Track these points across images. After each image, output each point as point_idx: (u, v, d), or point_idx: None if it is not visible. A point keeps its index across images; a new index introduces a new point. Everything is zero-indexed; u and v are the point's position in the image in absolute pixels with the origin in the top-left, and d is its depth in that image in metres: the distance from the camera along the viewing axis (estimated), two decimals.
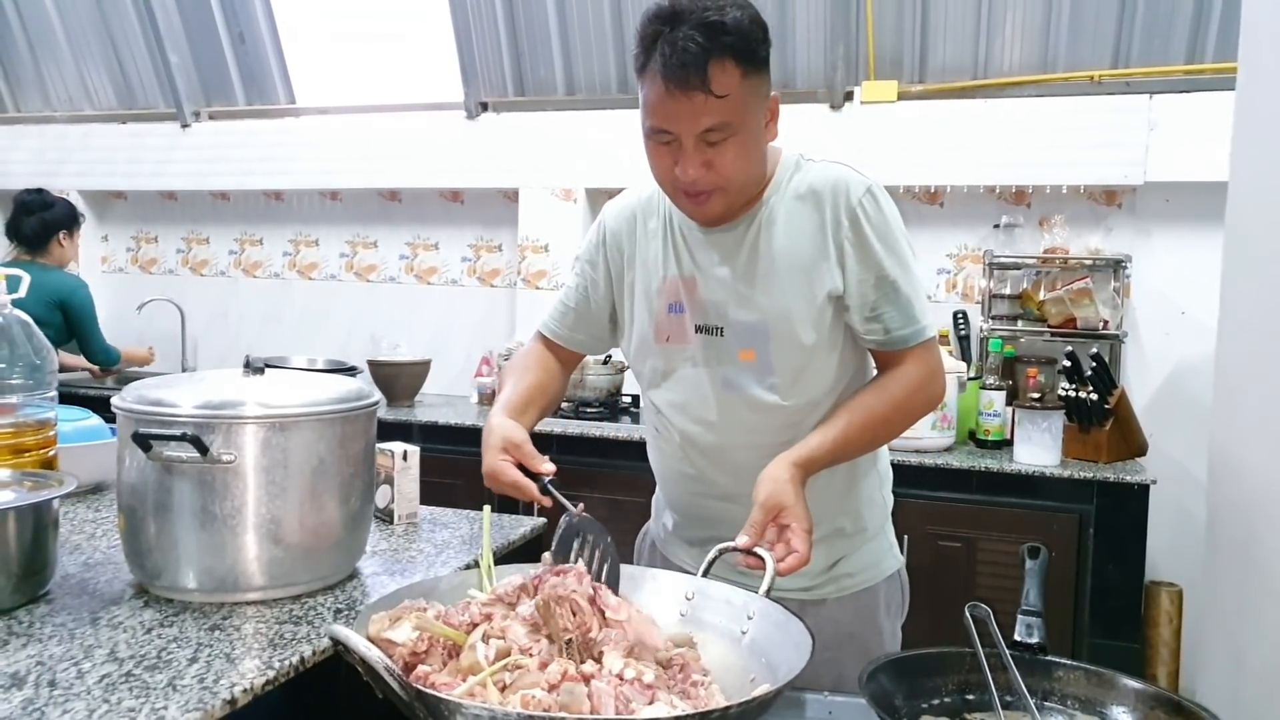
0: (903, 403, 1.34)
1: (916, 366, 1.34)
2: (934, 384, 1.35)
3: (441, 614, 1.00)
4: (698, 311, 1.37)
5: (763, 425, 1.35)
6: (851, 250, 1.30)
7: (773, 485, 1.22)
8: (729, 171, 1.24)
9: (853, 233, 1.30)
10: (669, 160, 1.25)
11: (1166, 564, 3.09)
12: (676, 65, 1.17)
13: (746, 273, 1.33)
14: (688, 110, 1.19)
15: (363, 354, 3.89)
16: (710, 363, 1.37)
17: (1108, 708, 1.04)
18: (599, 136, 3.72)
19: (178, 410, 1.16)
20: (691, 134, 1.21)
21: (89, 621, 1.10)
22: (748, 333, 1.34)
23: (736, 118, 1.21)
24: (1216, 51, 3.04)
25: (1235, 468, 1.38)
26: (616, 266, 1.46)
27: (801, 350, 1.33)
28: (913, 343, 1.33)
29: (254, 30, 4.17)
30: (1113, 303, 3.15)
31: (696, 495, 1.44)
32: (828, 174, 1.33)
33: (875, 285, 1.31)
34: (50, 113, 4.61)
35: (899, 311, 1.31)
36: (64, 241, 3.66)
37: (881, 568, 1.48)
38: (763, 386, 1.34)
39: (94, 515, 1.57)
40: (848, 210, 1.30)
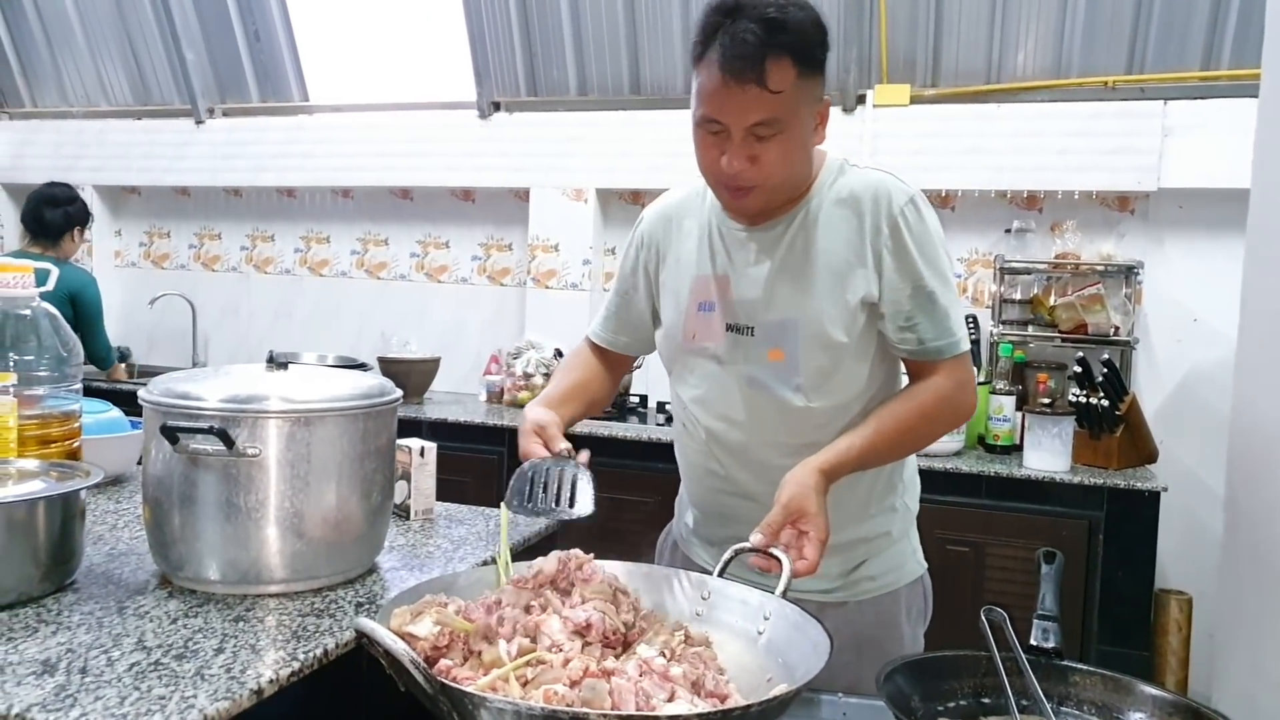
0: (932, 414, 1.34)
1: (948, 378, 1.33)
2: (964, 397, 1.35)
3: (462, 609, 1.01)
4: (729, 310, 1.37)
5: (787, 426, 1.35)
6: (890, 258, 1.30)
7: (797, 489, 1.21)
8: (772, 168, 1.25)
9: (892, 241, 1.30)
10: (715, 151, 1.26)
11: (1176, 572, 3.09)
12: (734, 56, 1.18)
13: (781, 272, 1.34)
14: (740, 102, 1.20)
15: (373, 351, 3.91)
16: (738, 361, 1.37)
17: (1124, 713, 1.03)
18: (610, 137, 3.74)
19: (204, 404, 1.18)
20: (741, 126, 1.22)
21: (116, 610, 1.11)
22: (777, 332, 1.34)
23: (786, 115, 1.22)
24: (1232, 58, 3.04)
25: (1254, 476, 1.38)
26: (652, 267, 1.48)
27: (830, 353, 1.32)
28: (946, 355, 1.32)
29: (269, 28, 4.19)
30: (1124, 309, 3.15)
31: (719, 492, 1.44)
32: (870, 180, 1.33)
33: (911, 295, 1.30)
34: (67, 108, 4.64)
35: (934, 323, 1.31)
36: (76, 237, 3.70)
37: (903, 573, 1.47)
38: (789, 387, 1.34)
39: (115, 506, 1.58)
40: (888, 218, 1.30)
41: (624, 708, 0.89)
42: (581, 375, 1.52)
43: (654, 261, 1.48)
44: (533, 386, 3.63)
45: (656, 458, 3.10)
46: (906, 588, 1.47)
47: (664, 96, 3.70)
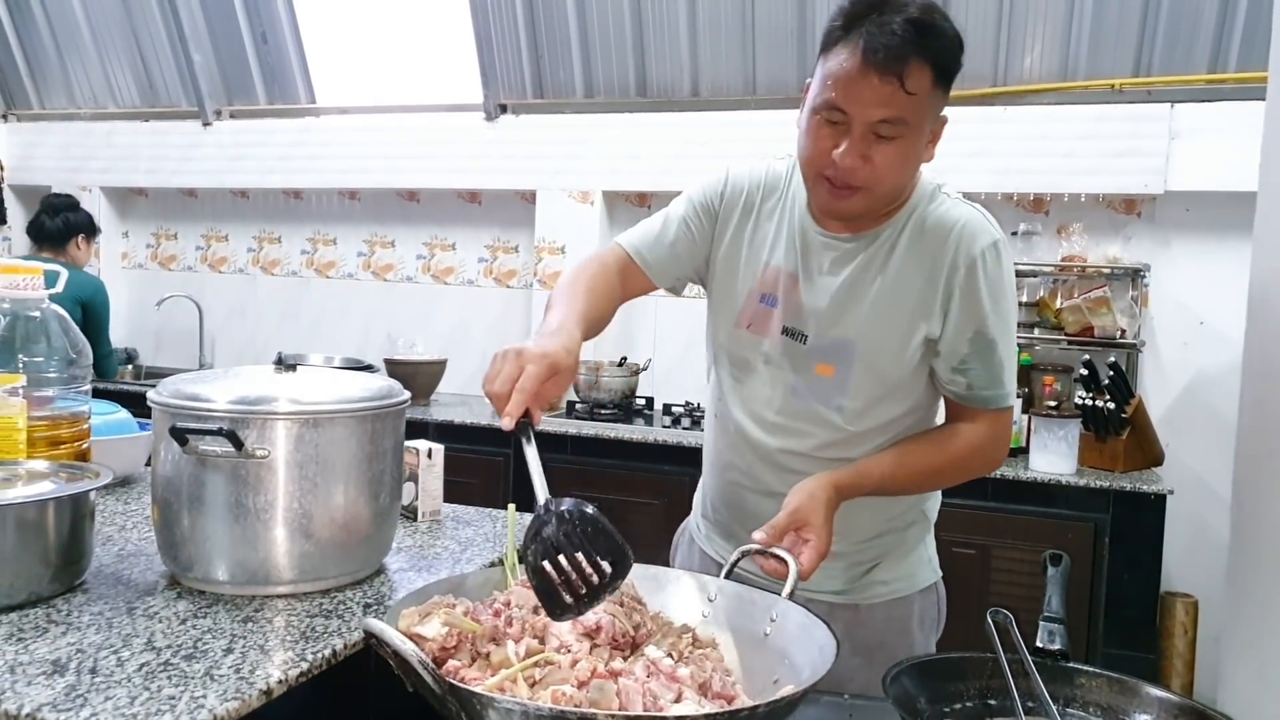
0: (961, 461, 1.33)
1: (987, 429, 1.32)
2: (997, 451, 1.34)
3: (470, 610, 1.01)
4: (790, 311, 1.33)
5: (819, 440, 1.34)
6: (959, 298, 1.27)
7: (805, 499, 1.22)
8: (883, 172, 1.21)
9: (965, 281, 1.27)
10: (829, 142, 1.21)
11: (1182, 575, 3.08)
12: (879, 47, 1.15)
13: (853, 290, 1.30)
14: (874, 95, 1.16)
15: (379, 353, 3.92)
16: (785, 365, 1.34)
17: (1130, 716, 1.03)
18: (617, 139, 3.74)
19: (213, 405, 1.18)
20: (866, 119, 1.18)
21: (125, 611, 1.12)
22: (833, 349, 1.32)
23: (913, 120, 1.19)
24: (1240, 61, 3.04)
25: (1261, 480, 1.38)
26: (725, 217, 1.40)
27: (882, 382, 1.31)
28: (991, 405, 1.31)
29: (276, 30, 4.20)
30: (1130, 312, 3.15)
31: (741, 487, 1.42)
32: (959, 214, 1.30)
33: (972, 339, 1.28)
34: (75, 110, 4.66)
35: (988, 370, 1.29)
36: (81, 245, 3.76)
37: (917, 579, 1.46)
38: (830, 406, 1.33)
39: (124, 508, 1.59)
40: (967, 257, 1.27)
41: (631, 708, 0.89)
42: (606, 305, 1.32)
43: (731, 219, 1.40)
44: None
45: (663, 460, 3.10)
46: (920, 594, 1.46)
47: (670, 98, 3.71)
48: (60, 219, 3.69)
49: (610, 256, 1.40)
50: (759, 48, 3.52)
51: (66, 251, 3.70)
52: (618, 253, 1.41)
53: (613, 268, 1.38)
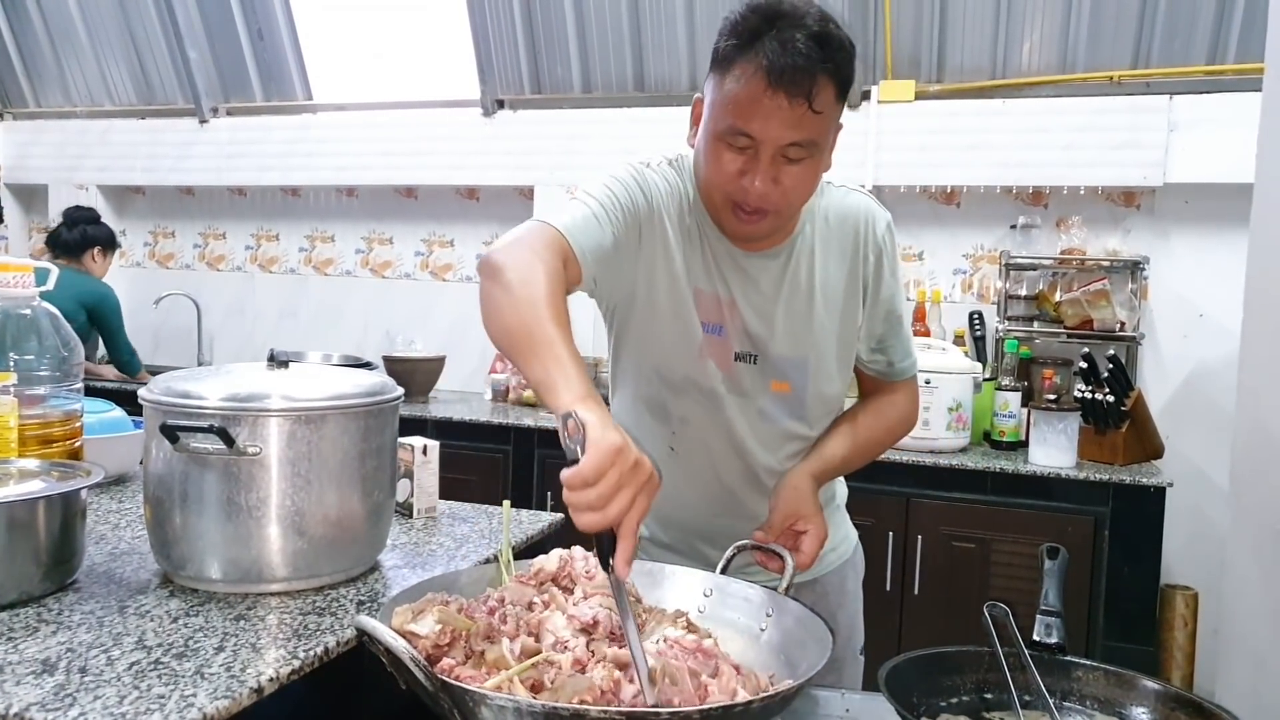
0: (894, 429, 1.44)
1: (906, 396, 1.44)
2: (915, 412, 1.47)
3: (464, 607, 1.01)
4: (737, 337, 1.31)
5: (786, 449, 1.38)
6: (873, 284, 1.33)
7: (793, 494, 1.29)
8: (795, 194, 1.18)
9: (875, 267, 1.32)
10: (734, 167, 1.16)
11: (1182, 567, 3.08)
12: (785, 67, 1.08)
13: (789, 306, 1.30)
14: (782, 118, 1.11)
15: (378, 350, 3.91)
16: (745, 392, 1.33)
17: (1127, 709, 1.03)
18: (614, 134, 3.73)
19: (205, 402, 1.18)
20: (776, 144, 1.13)
21: (116, 610, 1.11)
22: (786, 365, 1.33)
23: (821, 139, 1.16)
24: (1238, 52, 3.03)
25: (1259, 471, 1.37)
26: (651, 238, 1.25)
27: (833, 383, 1.36)
28: (907, 375, 1.42)
29: (272, 27, 4.19)
30: (1130, 304, 3.14)
31: (718, 515, 1.38)
32: (853, 204, 1.33)
33: (885, 319, 1.36)
34: (71, 108, 4.65)
35: (900, 344, 1.39)
36: (97, 257, 3.83)
37: (850, 539, 1.54)
38: (792, 417, 1.36)
39: (118, 506, 1.58)
40: (874, 244, 1.32)
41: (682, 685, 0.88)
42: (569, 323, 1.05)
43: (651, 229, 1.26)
44: None
45: None
46: (853, 552, 1.53)
47: (668, 94, 3.70)
48: (78, 231, 3.78)
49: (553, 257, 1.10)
50: None
51: (82, 263, 3.78)
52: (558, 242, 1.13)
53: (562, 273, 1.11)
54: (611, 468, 0.84)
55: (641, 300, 1.28)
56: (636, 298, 1.28)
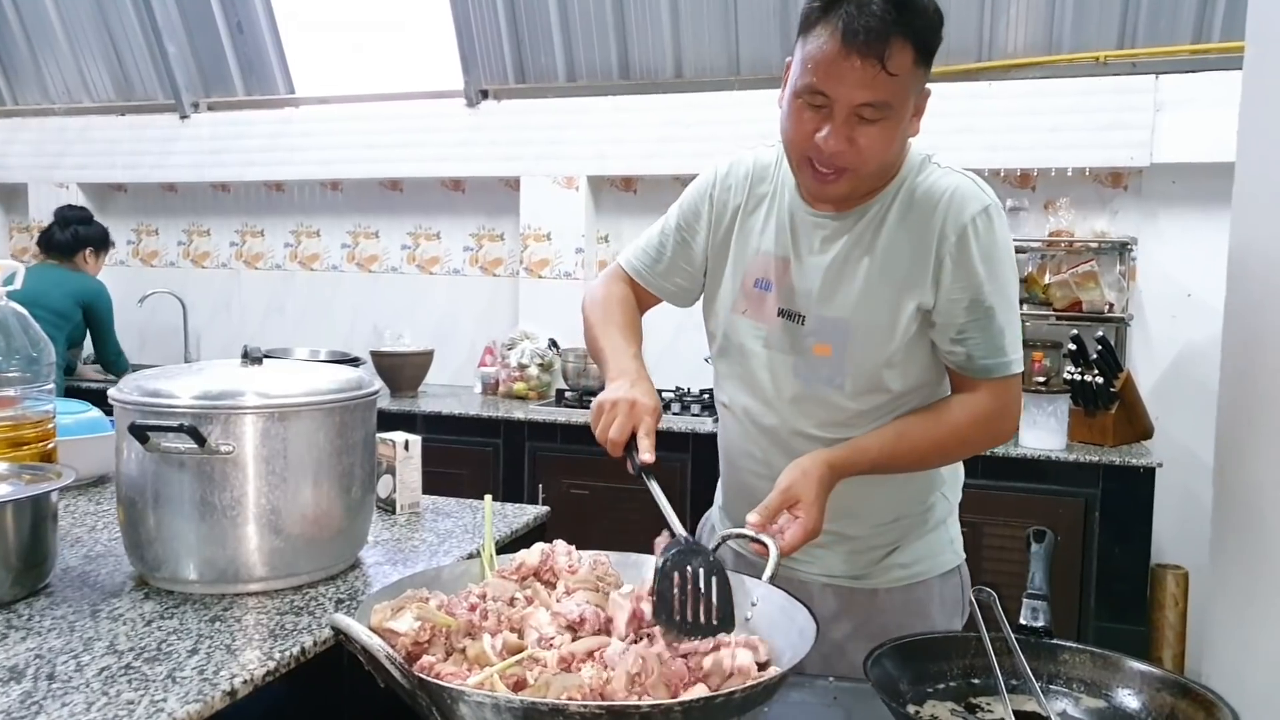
0: (964, 433, 1.30)
1: (990, 399, 1.28)
2: (1004, 421, 1.30)
3: (444, 604, 0.99)
4: (784, 294, 1.32)
5: (824, 419, 1.32)
6: (951, 266, 1.25)
7: (799, 476, 1.19)
8: (868, 154, 1.19)
9: (957, 249, 1.24)
10: (812, 126, 1.19)
11: (1172, 547, 3.08)
12: (859, 28, 1.12)
13: (844, 268, 1.28)
14: (855, 77, 1.14)
15: (366, 345, 3.89)
16: (784, 348, 1.33)
17: (1113, 690, 1.03)
18: (600, 123, 3.71)
19: (175, 401, 1.16)
20: (848, 103, 1.15)
21: (89, 614, 1.10)
22: (829, 328, 1.30)
23: (896, 100, 1.16)
24: (1223, 31, 3.01)
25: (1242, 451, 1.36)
26: (719, 214, 1.39)
27: (879, 356, 1.29)
28: (994, 374, 1.27)
29: (252, 20, 4.15)
30: (1118, 286, 3.13)
31: (753, 475, 1.38)
32: (948, 183, 1.27)
33: (968, 308, 1.25)
34: (49, 105, 4.60)
35: (987, 339, 1.26)
36: (89, 258, 3.79)
37: (938, 562, 1.41)
38: (831, 385, 1.31)
39: (95, 508, 1.56)
40: (956, 225, 1.24)
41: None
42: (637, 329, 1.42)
43: (723, 211, 1.39)
44: (527, 377, 3.61)
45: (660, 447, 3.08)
46: (940, 578, 1.41)
47: (653, 80, 3.67)
48: (69, 231, 3.73)
49: (618, 285, 1.46)
50: (741, 27, 3.49)
51: (74, 263, 3.74)
52: (621, 275, 1.47)
53: (629, 296, 1.45)
54: (601, 414, 1.19)
55: (711, 268, 1.42)
56: (709, 268, 1.42)
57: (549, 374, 3.65)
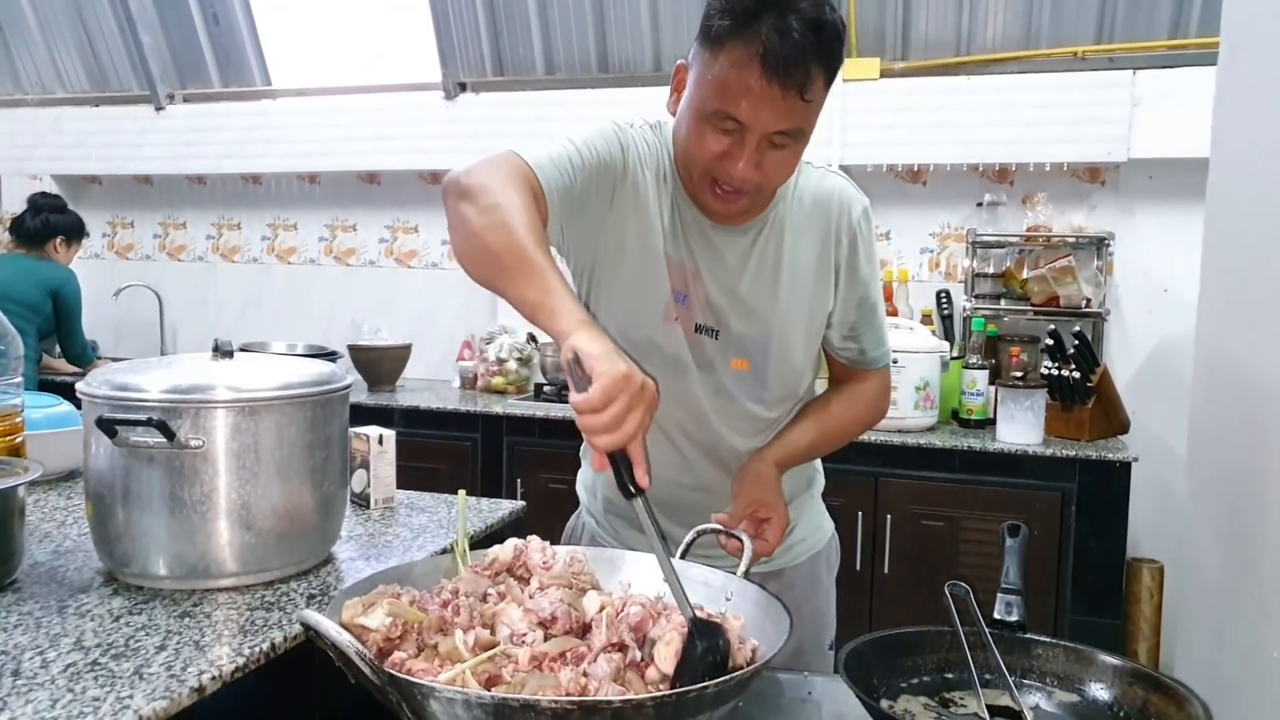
0: (864, 418, 1.43)
1: (878, 385, 1.43)
2: (885, 402, 1.45)
3: (416, 599, 0.99)
4: (700, 308, 1.29)
5: (747, 429, 1.36)
6: (845, 270, 1.31)
7: (754, 480, 1.28)
8: (775, 176, 1.18)
9: (849, 252, 1.30)
10: (718, 147, 1.13)
11: (1148, 541, 3.11)
12: (783, 57, 1.06)
13: (755, 283, 1.28)
14: (774, 107, 1.09)
15: (344, 338, 3.86)
16: (704, 365, 1.32)
17: (1086, 684, 1.03)
18: (579, 116, 3.67)
19: (144, 395, 1.14)
20: (763, 131, 1.11)
21: (56, 610, 1.08)
22: (746, 343, 1.31)
23: (808, 126, 1.15)
24: (1200, 26, 3.03)
25: (1214, 444, 1.38)
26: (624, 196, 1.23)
27: (795, 366, 1.34)
28: (880, 364, 1.41)
29: (228, 10, 4.10)
30: (1095, 280, 3.15)
31: (679, 486, 1.37)
32: (829, 186, 1.30)
33: (858, 306, 1.33)
34: (21, 96, 4.53)
35: (874, 333, 1.37)
36: (59, 247, 3.71)
37: (824, 529, 1.52)
38: (751, 398, 1.34)
39: (65, 503, 1.54)
40: (848, 229, 1.29)
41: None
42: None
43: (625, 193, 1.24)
44: (506, 372, 3.60)
45: None
46: (826, 544, 1.52)
47: (632, 74, 3.65)
48: (40, 219, 3.65)
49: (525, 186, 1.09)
50: None
51: (44, 252, 3.66)
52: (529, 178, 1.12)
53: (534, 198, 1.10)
54: (621, 393, 0.87)
55: (610, 258, 1.26)
56: (605, 256, 1.26)
57: (527, 368, 3.64)
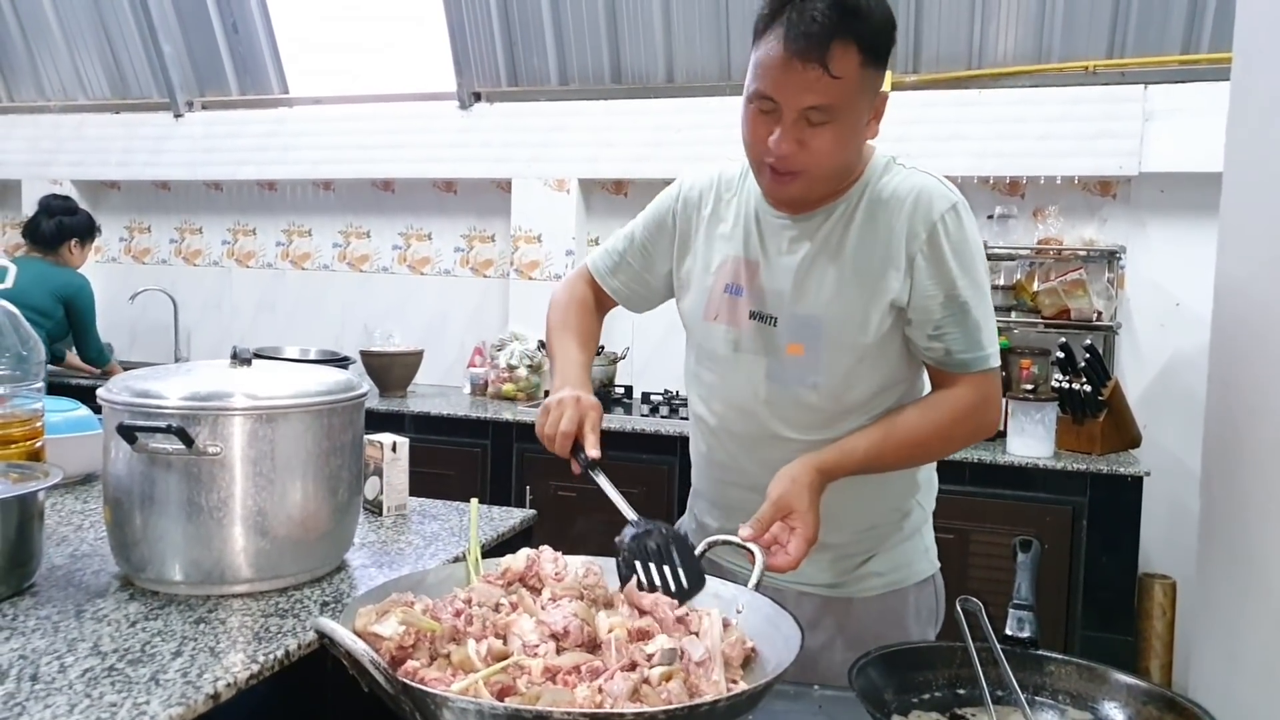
0: (947, 429, 1.30)
1: (971, 392, 1.29)
2: (986, 414, 1.31)
3: (429, 608, 0.99)
4: (755, 297, 1.34)
5: (800, 421, 1.32)
6: (924, 264, 1.26)
7: (789, 485, 1.19)
8: (820, 156, 1.21)
9: (928, 246, 1.25)
10: (764, 129, 1.22)
11: (1160, 556, 3.09)
12: (800, 34, 1.15)
13: (813, 266, 1.30)
14: (798, 82, 1.17)
15: (356, 344, 3.88)
16: (757, 351, 1.34)
17: (1100, 703, 1.02)
18: (592, 126, 3.71)
19: (164, 402, 1.15)
20: (795, 107, 1.18)
21: (73, 614, 1.09)
22: (801, 327, 1.31)
23: (843, 103, 1.18)
24: (1212, 41, 3.03)
25: (1229, 460, 1.37)
26: (685, 227, 1.43)
27: (852, 353, 1.29)
28: (973, 368, 1.28)
29: (247, 20, 4.14)
30: (1107, 294, 3.14)
31: (727, 484, 1.40)
32: (914, 182, 1.29)
33: (944, 303, 1.26)
34: (44, 102, 4.58)
35: (964, 334, 1.27)
36: (74, 249, 3.75)
37: (913, 570, 1.42)
38: (805, 385, 1.31)
39: (82, 507, 1.56)
40: (926, 223, 1.26)
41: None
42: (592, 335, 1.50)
43: (691, 222, 1.43)
44: (516, 379, 3.61)
45: (642, 449, 3.09)
46: (915, 587, 1.41)
47: (645, 85, 3.67)
48: (54, 222, 3.69)
49: (582, 285, 1.52)
50: (733, 32, 3.49)
51: (59, 255, 3.70)
52: (586, 275, 1.53)
53: (590, 298, 1.52)
54: (545, 414, 1.27)
55: (680, 280, 1.45)
56: (677, 280, 1.46)
57: (538, 375, 3.65)
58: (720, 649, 1.00)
